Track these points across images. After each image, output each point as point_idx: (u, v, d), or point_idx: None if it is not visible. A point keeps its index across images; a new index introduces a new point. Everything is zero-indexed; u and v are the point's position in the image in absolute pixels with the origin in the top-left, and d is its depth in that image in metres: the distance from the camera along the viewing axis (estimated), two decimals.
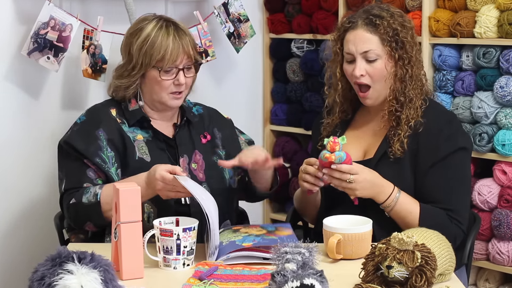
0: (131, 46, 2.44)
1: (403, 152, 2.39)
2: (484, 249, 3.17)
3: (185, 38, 2.44)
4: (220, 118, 2.66)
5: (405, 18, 2.45)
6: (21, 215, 2.96)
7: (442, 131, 2.40)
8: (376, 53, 2.38)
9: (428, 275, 1.81)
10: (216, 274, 2.03)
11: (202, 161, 2.51)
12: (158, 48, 2.40)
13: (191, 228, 2.10)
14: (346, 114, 2.56)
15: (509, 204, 3.06)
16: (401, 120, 2.40)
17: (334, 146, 2.23)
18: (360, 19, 2.42)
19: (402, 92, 2.41)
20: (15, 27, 2.87)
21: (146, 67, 2.42)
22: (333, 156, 2.23)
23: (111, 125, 2.45)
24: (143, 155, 2.43)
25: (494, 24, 3.05)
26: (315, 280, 1.71)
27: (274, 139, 3.91)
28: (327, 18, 3.56)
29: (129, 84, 2.46)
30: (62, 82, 3.04)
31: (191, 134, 2.54)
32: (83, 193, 2.34)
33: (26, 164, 2.95)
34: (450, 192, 2.38)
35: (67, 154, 2.43)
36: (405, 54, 2.40)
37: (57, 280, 1.67)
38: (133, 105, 2.49)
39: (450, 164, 2.38)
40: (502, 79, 3.02)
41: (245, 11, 3.38)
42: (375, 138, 2.48)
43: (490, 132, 3.09)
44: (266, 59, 3.85)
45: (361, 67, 2.39)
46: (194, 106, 2.64)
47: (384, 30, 2.38)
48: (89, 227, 2.38)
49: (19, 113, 2.92)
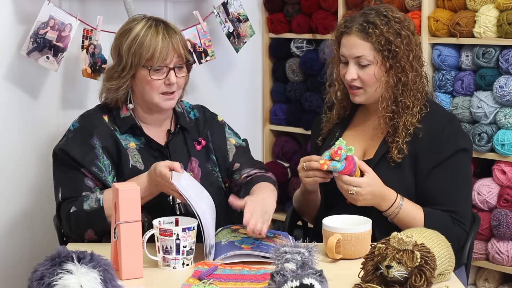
0: (121, 47, 2.41)
1: (402, 157, 2.39)
2: (484, 248, 3.17)
3: (175, 36, 2.40)
4: (214, 122, 2.61)
5: (403, 24, 2.41)
6: (21, 215, 2.96)
7: (443, 132, 2.40)
8: (368, 59, 2.38)
9: (428, 274, 1.81)
10: (215, 274, 2.03)
11: (198, 168, 2.48)
12: (147, 46, 2.36)
13: (191, 228, 2.10)
14: (344, 110, 2.56)
15: (508, 204, 3.06)
16: (399, 127, 2.40)
17: (334, 156, 2.22)
18: (355, 25, 2.41)
19: (395, 101, 2.40)
20: (15, 27, 2.87)
21: (136, 67, 2.38)
22: (325, 166, 2.22)
23: (105, 132, 2.41)
24: (136, 163, 2.40)
25: (493, 24, 3.05)
26: (315, 280, 1.72)
27: (274, 138, 3.91)
28: (326, 18, 3.56)
29: (119, 85, 2.41)
30: (62, 82, 3.04)
31: (186, 141, 2.51)
32: (83, 200, 2.30)
33: (25, 163, 2.95)
34: (452, 193, 2.38)
35: (63, 162, 2.39)
36: (398, 63, 2.38)
37: (57, 280, 1.67)
38: (124, 112, 2.46)
39: (452, 166, 2.38)
40: (502, 79, 3.02)
41: (244, 11, 3.38)
42: (373, 138, 2.48)
43: (489, 132, 3.09)
44: (266, 59, 3.85)
45: (352, 72, 2.40)
46: (192, 110, 2.60)
47: (376, 39, 2.37)
48: (89, 235, 2.33)
49: (19, 112, 2.92)
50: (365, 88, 2.41)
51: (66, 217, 2.33)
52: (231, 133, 2.63)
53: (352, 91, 2.44)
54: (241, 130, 2.72)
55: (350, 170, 2.24)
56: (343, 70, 2.44)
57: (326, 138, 2.58)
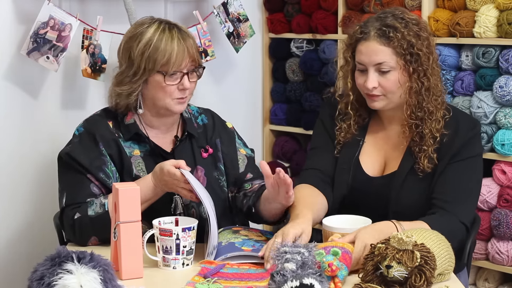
0: (131, 51, 2.34)
1: (432, 167, 2.30)
2: (484, 248, 3.17)
3: (189, 40, 2.35)
4: (223, 129, 2.55)
5: (421, 26, 2.32)
6: (21, 214, 2.96)
7: (466, 135, 2.32)
8: (390, 65, 2.28)
9: (428, 274, 1.81)
10: (222, 272, 2.02)
11: (203, 177, 2.43)
12: (163, 52, 2.30)
13: (191, 228, 2.10)
14: (363, 118, 2.45)
15: (508, 203, 3.06)
16: (425, 135, 2.30)
17: (335, 273, 1.92)
18: (373, 30, 2.29)
19: (420, 107, 2.31)
20: (15, 26, 2.87)
21: (150, 72, 2.32)
22: (340, 285, 1.92)
23: (110, 138, 2.37)
24: (139, 172, 2.37)
25: (493, 24, 3.05)
26: (315, 280, 1.72)
27: (274, 138, 3.91)
28: (326, 18, 3.56)
29: (131, 90, 2.35)
30: (62, 81, 3.04)
31: (193, 147, 2.46)
32: (87, 206, 2.27)
33: (25, 163, 2.95)
34: (462, 189, 2.29)
35: (68, 166, 2.34)
36: (420, 67, 2.28)
37: (57, 279, 1.67)
38: (128, 118, 2.41)
39: (468, 167, 2.31)
40: (502, 79, 3.02)
41: (244, 11, 3.38)
42: (396, 147, 2.39)
43: (489, 132, 3.09)
44: (266, 58, 3.85)
45: (373, 79, 2.28)
46: (199, 115, 2.54)
47: (398, 43, 2.26)
48: (92, 242, 2.29)
49: (19, 112, 2.92)
50: (386, 95, 2.31)
51: (69, 224, 2.29)
52: (240, 143, 2.58)
53: (371, 97, 2.33)
54: (241, 130, 2.71)
55: (350, 261, 1.99)
56: (361, 78, 2.33)
57: (343, 147, 2.45)
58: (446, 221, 2.22)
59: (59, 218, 2.36)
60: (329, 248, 1.94)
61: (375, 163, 2.41)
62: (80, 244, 2.29)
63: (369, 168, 2.40)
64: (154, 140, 2.42)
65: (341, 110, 2.45)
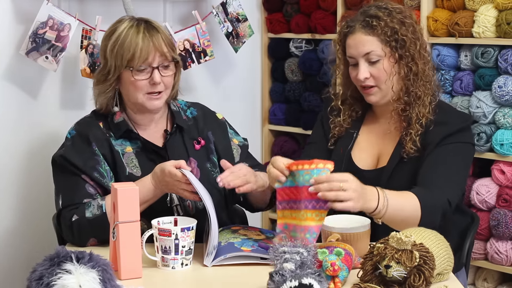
0: (106, 49, 2.38)
1: (416, 150, 2.34)
2: (483, 248, 3.17)
3: (156, 35, 2.35)
4: (214, 120, 2.57)
5: (405, 14, 2.39)
6: (20, 214, 2.96)
7: (457, 124, 2.36)
8: (378, 54, 2.34)
9: (427, 274, 1.81)
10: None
11: (196, 169, 2.45)
12: (128, 47, 2.32)
13: (190, 228, 2.09)
14: (356, 112, 2.50)
15: (507, 203, 3.06)
16: (412, 119, 2.35)
17: (337, 273, 1.94)
18: (357, 23, 2.37)
19: (407, 91, 2.36)
20: (14, 26, 2.87)
21: (119, 69, 2.34)
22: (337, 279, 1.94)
23: (102, 139, 2.39)
24: (132, 170, 2.38)
25: (492, 24, 3.05)
26: (314, 280, 1.72)
27: (273, 138, 3.91)
28: (325, 18, 3.56)
29: (105, 88, 2.39)
30: (61, 81, 3.04)
31: (184, 140, 2.47)
32: (84, 208, 2.27)
33: (24, 163, 2.95)
34: (448, 168, 2.30)
35: (63, 169, 2.35)
36: (407, 52, 2.35)
37: (56, 279, 1.67)
38: (117, 117, 2.42)
39: (457, 151, 2.33)
40: (501, 79, 3.03)
41: (243, 11, 3.39)
42: (387, 142, 2.43)
43: (488, 132, 3.09)
44: (265, 58, 3.85)
45: (364, 70, 2.35)
46: (188, 108, 2.56)
47: (382, 31, 2.33)
48: (91, 243, 2.29)
49: (18, 112, 2.92)
50: (379, 86, 2.37)
51: (68, 226, 2.29)
52: (232, 132, 2.60)
53: (366, 91, 2.39)
54: (240, 130, 2.71)
55: (351, 263, 1.99)
56: (353, 72, 2.39)
57: (338, 140, 2.50)
58: (431, 194, 2.23)
59: (57, 220, 2.36)
60: (333, 248, 1.95)
61: (368, 157, 2.44)
62: (79, 245, 2.29)
63: (361, 161, 2.44)
64: (144, 136, 2.44)
65: (335, 106, 2.52)
